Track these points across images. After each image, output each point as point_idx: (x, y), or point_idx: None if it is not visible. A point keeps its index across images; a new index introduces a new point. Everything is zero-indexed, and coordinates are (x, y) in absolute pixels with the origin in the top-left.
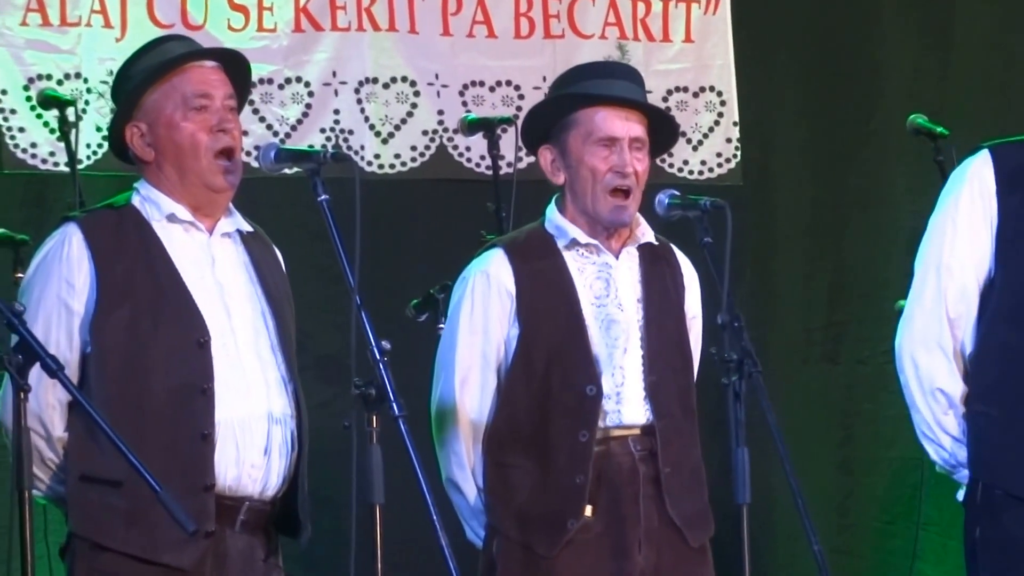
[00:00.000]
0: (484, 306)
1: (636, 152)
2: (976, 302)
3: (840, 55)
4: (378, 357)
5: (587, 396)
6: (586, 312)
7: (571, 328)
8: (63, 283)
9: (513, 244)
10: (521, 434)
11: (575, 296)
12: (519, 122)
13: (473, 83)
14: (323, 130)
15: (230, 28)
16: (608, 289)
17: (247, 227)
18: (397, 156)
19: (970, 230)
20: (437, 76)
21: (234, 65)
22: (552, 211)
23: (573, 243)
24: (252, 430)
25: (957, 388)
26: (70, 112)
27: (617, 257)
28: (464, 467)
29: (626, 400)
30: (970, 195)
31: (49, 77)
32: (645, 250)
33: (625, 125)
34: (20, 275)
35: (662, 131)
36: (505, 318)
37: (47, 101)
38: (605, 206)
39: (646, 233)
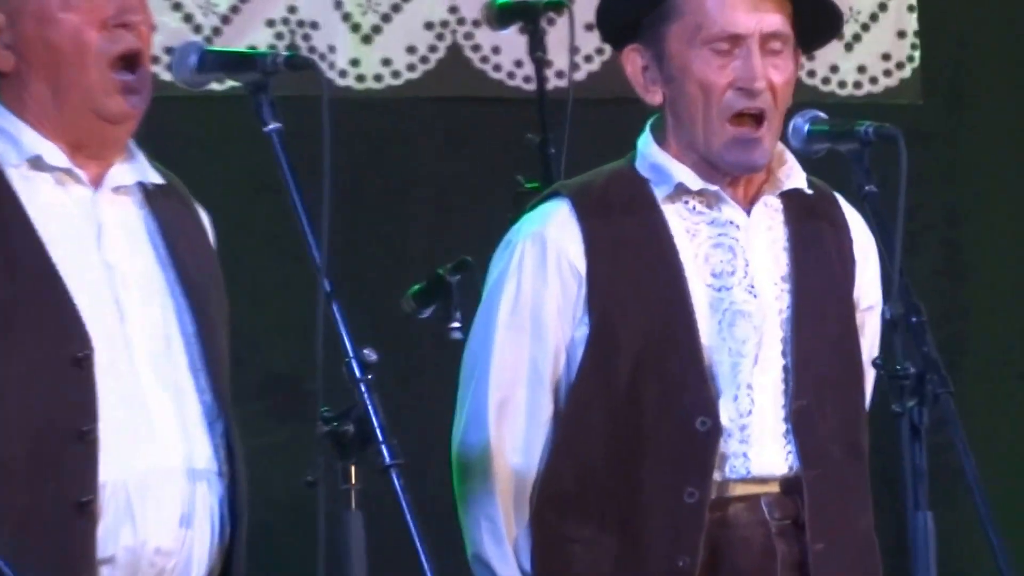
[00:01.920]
0: (536, 289)
1: (772, 56)
2: None
3: None
4: (358, 375)
5: (697, 432)
6: (698, 299)
7: (673, 325)
8: None
9: (585, 192)
10: (591, 490)
11: (680, 273)
12: (585, 7)
13: None
14: (271, 22)
15: None
16: (734, 263)
17: (155, 177)
18: (386, 63)
19: None
20: None
21: None
22: (647, 143)
23: (680, 191)
24: (159, 494)
25: None
26: None
27: (749, 213)
28: (502, 539)
29: (758, 439)
30: None
31: None
32: (794, 202)
33: (753, 15)
34: None
35: (814, 19)
36: (568, 309)
37: None
38: (723, 141)
39: (793, 174)
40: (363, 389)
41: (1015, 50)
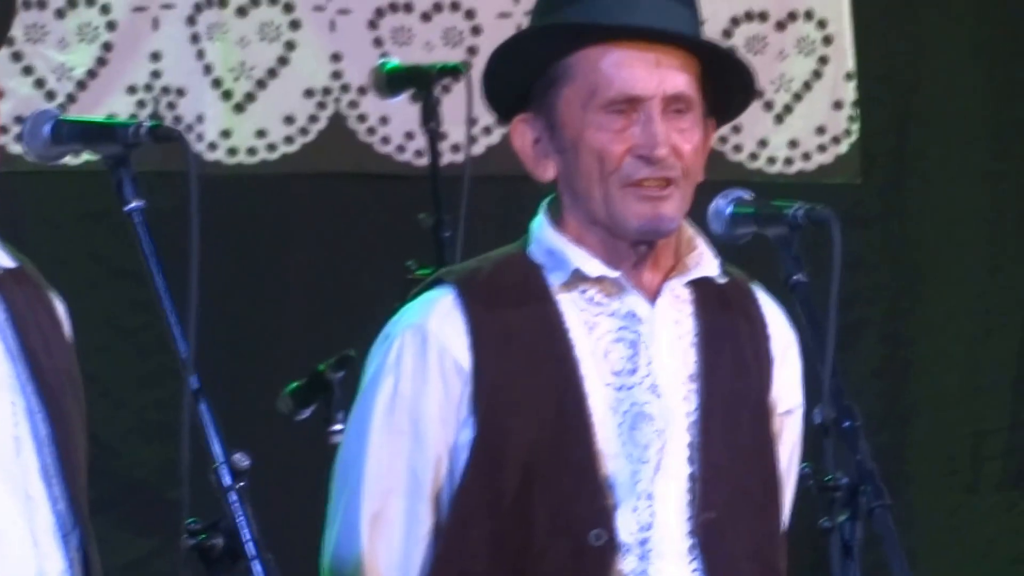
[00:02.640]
0: (416, 388)
1: (676, 119)
2: None
3: None
4: (228, 482)
5: (590, 547)
6: (595, 400)
7: (567, 428)
8: None
9: (472, 280)
10: None
11: (576, 371)
12: (475, 74)
13: (393, 6)
14: (133, 88)
15: None
16: (636, 359)
17: (5, 261)
18: (261, 134)
19: None
20: None
21: None
22: (541, 226)
23: (577, 278)
24: None
25: None
26: None
27: (653, 302)
28: None
29: (659, 555)
30: None
31: None
32: (705, 292)
33: (654, 75)
34: None
35: (726, 84)
36: (451, 410)
37: None
38: (625, 203)
39: (704, 261)
40: (233, 498)
41: (963, 121)
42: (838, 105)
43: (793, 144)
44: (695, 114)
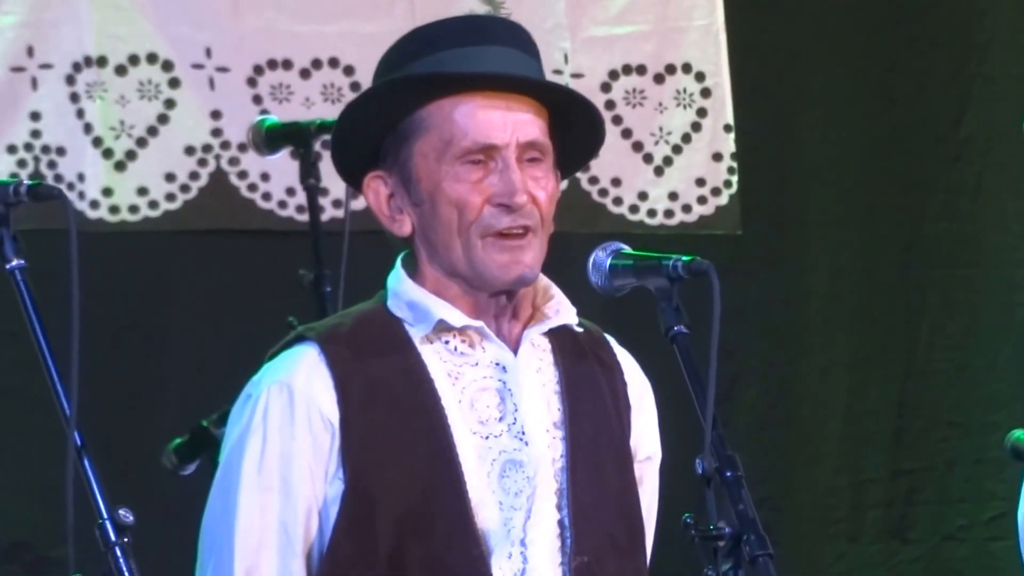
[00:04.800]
0: (283, 444)
1: (532, 167)
2: None
3: (912, 12)
4: (113, 538)
5: None
6: (463, 449)
7: (437, 478)
8: None
9: (333, 336)
10: None
11: (443, 421)
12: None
13: (272, 63)
14: (13, 148)
15: None
16: (502, 407)
17: None
18: (142, 191)
19: None
20: (209, 53)
21: None
22: (399, 279)
23: (440, 329)
24: None
25: None
26: None
27: (516, 351)
28: None
29: None
30: None
31: None
32: (563, 341)
33: (508, 123)
34: None
35: (575, 132)
36: (321, 464)
37: None
38: (488, 257)
39: (562, 310)
40: (118, 554)
41: (841, 173)
42: (717, 157)
43: (673, 196)
44: (548, 163)
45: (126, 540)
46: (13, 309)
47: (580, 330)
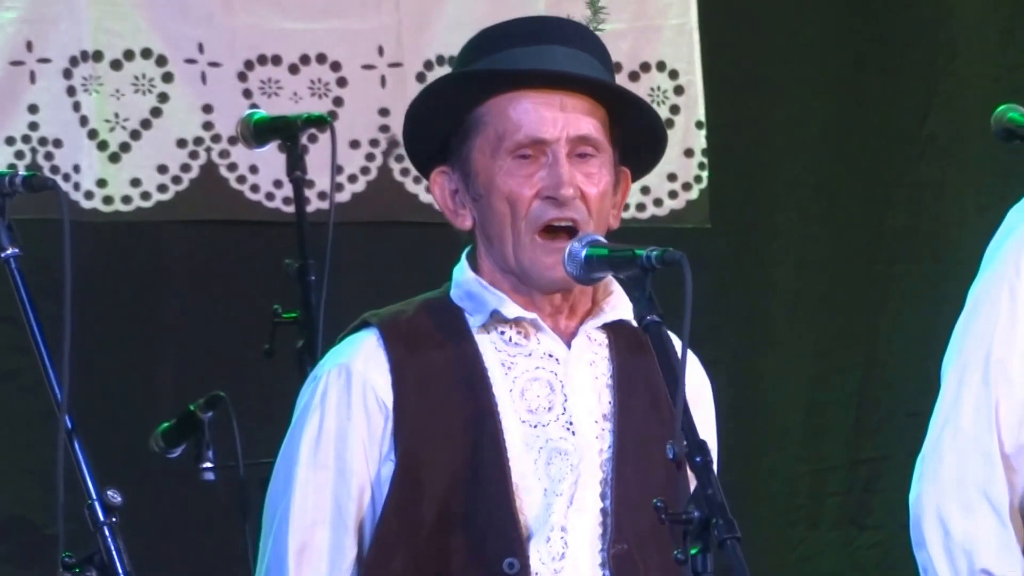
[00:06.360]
0: (339, 424)
1: (582, 163)
2: None
3: (879, 12)
4: (102, 518)
5: (503, 575)
6: (510, 435)
7: (482, 462)
8: None
9: (395, 322)
10: None
11: (492, 408)
12: (348, 124)
13: (262, 59)
14: (11, 140)
15: None
16: (552, 398)
17: None
18: (135, 183)
19: None
20: (202, 48)
21: None
22: (462, 271)
23: (495, 320)
24: None
25: (1015, 571)
26: None
27: (569, 344)
28: None
29: None
30: None
31: None
32: (621, 335)
33: (560, 118)
34: None
35: (635, 131)
36: (374, 444)
37: None
38: (532, 254)
39: (620, 305)
40: (107, 533)
41: (809, 169)
42: (689, 153)
43: (645, 190)
44: (603, 159)
45: (114, 520)
46: (9, 296)
47: (639, 325)
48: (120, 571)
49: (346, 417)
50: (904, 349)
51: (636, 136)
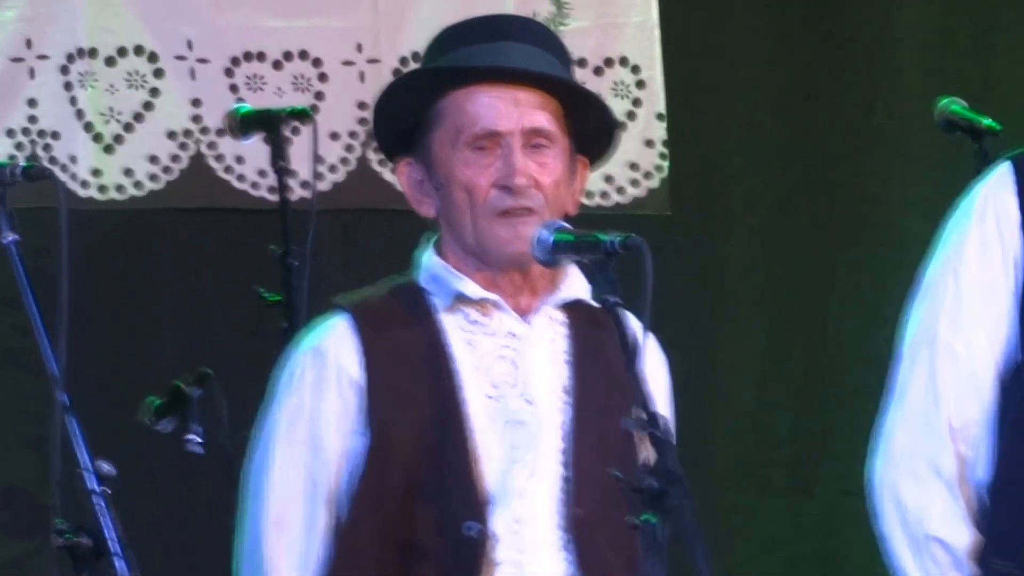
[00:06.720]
0: (314, 402)
1: (536, 153)
2: (992, 399)
3: (827, 9)
4: (94, 487)
5: (466, 539)
6: (473, 408)
7: (448, 434)
8: None
9: (364, 306)
10: None
11: (457, 384)
12: (329, 117)
13: (247, 55)
14: (11, 132)
15: None
16: (514, 374)
17: None
18: (128, 172)
19: (983, 288)
20: (191, 45)
21: None
22: (427, 256)
23: (459, 301)
24: None
25: (964, 536)
26: None
27: (530, 323)
28: None
29: (532, 546)
30: (982, 233)
31: None
32: (579, 314)
33: (514, 112)
34: None
35: (588, 123)
36: (347, 421)
37: None
38: (492, 234)
39: (576, 285)
40: (99, 502)
41: (762, 159)
42: (650, 144)
43: (609, 179)
44: (556, 149)
45: (106, 489)
46: (9, 279)
47: (599, 306)
48: (111, 537)
49: (320, 397)
50: (850, 328)
51: (590, 127)
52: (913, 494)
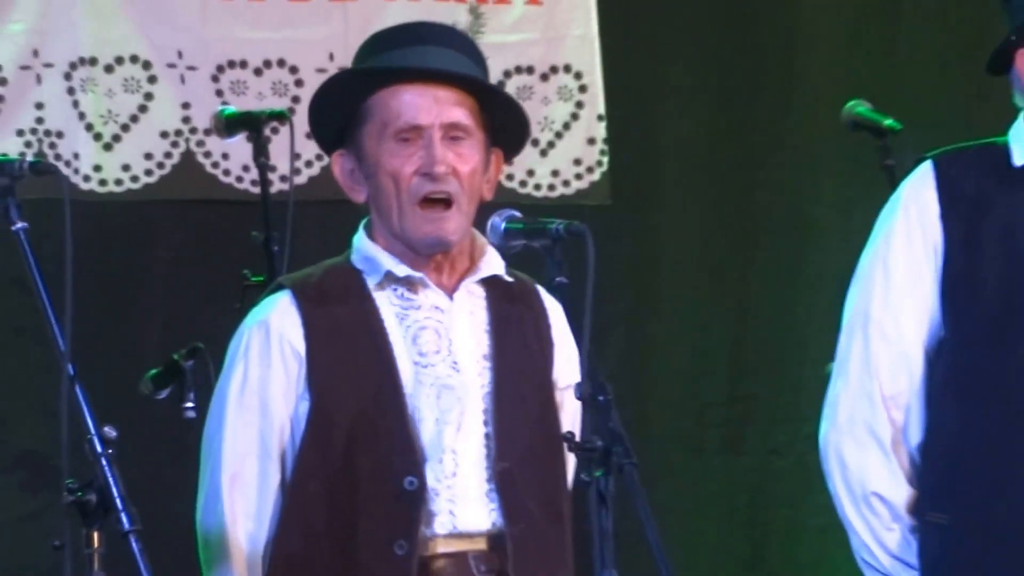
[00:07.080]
0: (261, 371)
1: (454, 144)
2: (921, 372)
3: (746, 22)
4: (100, 450)
5: (404, 491)
6: (405, 374)
7: (383, 397)
8: None
9: (305, 284)
10: (315, 550)
11: (389, 352)
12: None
13: (231, 63)
14: (21, 132)
15: None
16: (440, 343)
17: None
18: (126, 168)
19: (909, 274)
20: (181, 54)
21: None
22: (360, 239)
23: (388, 279)
24: None
25: (901, 492)
26: None
27: (452, 297)
28: None
29: (463, 497)
30: (906, 226)
31: None
32: (496, 289)
33: (433, 108)
34: None
35: (502, 119)
36: (291, 387)
37: None
38: (414, 222)
39: (492, 263)
40: (104, 463)
41: (694, 154)
42: (592, 141)
43: (555, 173)
44: (472, 141)
45: (111, 451)
46: (19, 263)
47: (512, 280)
48: (116, 494)
49: (267, 365)
50: (769, 304)
51: (503, 122)
52: (855, 456)
